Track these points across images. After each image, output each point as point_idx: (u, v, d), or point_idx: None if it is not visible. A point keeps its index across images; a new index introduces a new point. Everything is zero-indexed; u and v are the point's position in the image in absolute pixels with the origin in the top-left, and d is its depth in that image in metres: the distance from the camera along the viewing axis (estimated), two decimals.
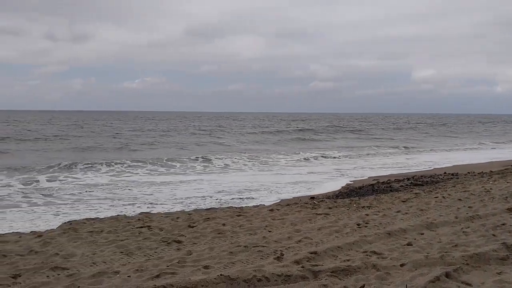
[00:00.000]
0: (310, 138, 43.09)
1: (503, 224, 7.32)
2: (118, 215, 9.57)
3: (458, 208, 9.08)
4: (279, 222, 8.31)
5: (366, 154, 28.82)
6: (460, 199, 10.12)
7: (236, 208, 10.43)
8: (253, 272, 5.21)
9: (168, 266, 5.69)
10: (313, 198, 11.90)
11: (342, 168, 20.68)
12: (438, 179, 14.95)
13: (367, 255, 5.96)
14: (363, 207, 9.78)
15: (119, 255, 6.38)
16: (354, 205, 10.07)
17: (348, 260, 5.70)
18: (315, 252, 6.02)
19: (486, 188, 11.50)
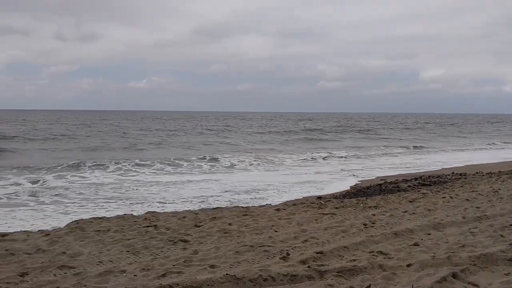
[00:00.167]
0: (317, 138, 43.00)
1: (511, 225, 7.27)
2: (125, 214, 9.59)
3: (466, 208, 9.03)
4: (285, 222, 8.30)
5: (374, 154, 28.72)
6: (467, 199, 10.06)
7: (242, 207, 10.43)
8: (259, 271, 5.21)
9: (174, 265, 5.70)
10: (320, 198, 11.88)
11: (350, 168, 20.62)
12: (446, 179, 14.87)
13: (374, 255, 5.94)
14: (370, 207, 9.74)
15: (125, 254, 6.40)
16: (361, 205, 10.03)
17: (354, 260, 5.69)
18: (321, 252, 6.01)
19: (494, 189, 11.42)
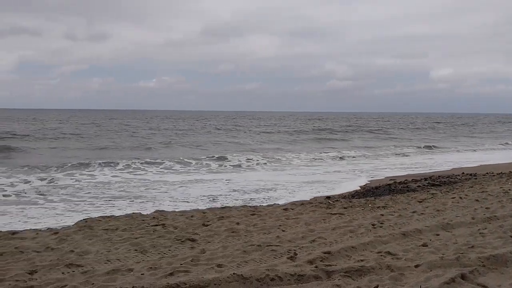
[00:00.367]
0: (326, 137, 42.89)
1: None
2: (133, 213, 9.62)
3: (475, 209, 8.96)
4: (293, 222, 8.28)
5: (383, 154, 28.59)
6: (477, 200, 9.97)
7: (250, 207, 10.42)
8: (266, 271, 5.20)
9: (181, 264, 5.70)
10: (328, 197, 11.84)
11: (359, 168, 20.54)
12: (456, 179, 14.75)
13: (382, 255, 5.90)
14: (379, 207, 9.69)
15: (133, 252, 6.42)
16: (370, 205, 9.98)
17: (362, 261, 5.66)
18: (328, 252, 5.98)
19: (504, 189, 11.31)
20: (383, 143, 38.41)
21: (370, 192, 12.90)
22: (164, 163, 21.17)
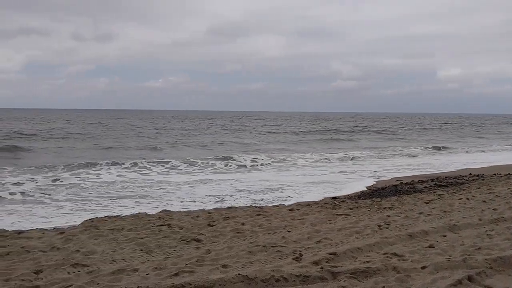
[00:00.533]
0: (332, 138, 42.81)
1: None
2: (139, 213, 9.64)
3: (483, 210, 8.89)
4: (298, 222, 8.26)
5: (390, 154, 28.48)
6: (484, 201, 9.90)
7: (256, 207, 10.41)
8: (271, 272, 5.19)
9: (186, 265, 5.70)
10: (334, 198, 11.81)
11: (365, 168, 20.46)
12: (463, 180, 14.65)
13: (388, 257, 5.87)
14: (385, 208, 9.64)
15: (138, 253, 6.43)
16: (376, 206, 9.93)
17: (368, 262, 5.63)
18: (334, 253, 5.96)
19: None
20: (389, 143, 38.28)
21: (376, 193, 12.84)
22: (170, 163, 21.19)
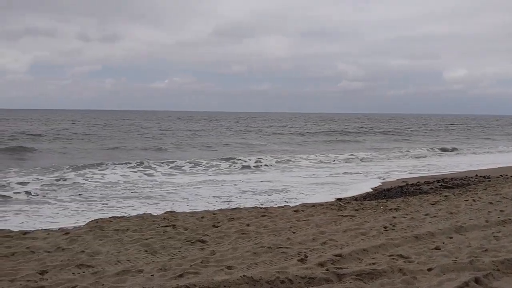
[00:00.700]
0: (337, 139, 42.71)
1: None
2: (144, 213, 9.64)
3: (489, 211, 8.83)
4: (303, 224, 8.22)
5: (395, 155, 28.38)
6: (491, 203, 9.84)
7: (260, 208, 10.37)
8: (276, 273, 5.16)
9: (191, 266, 5.68)
10: (339, 199, 11.76)
11: (371, 170, 20.39)
12: (469, 181, 14.58)
13: (394, 258, 5.83)
14: (391, 209, 9.59)
15: (143, 253, 6.41)
16: (381, 207, 9.88)
17: (374, 264, 5.59)
18: (339, 255, 5.92)
19: None
20: (395, 144, 38.16)
21: (382, 194, 12.79)
22: (175, 163, 21.19)
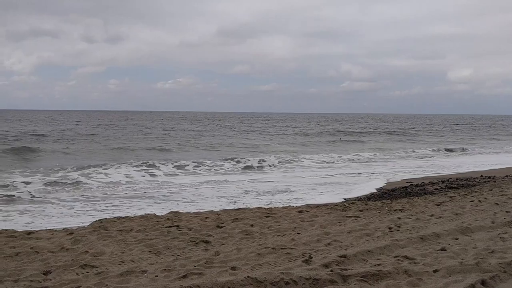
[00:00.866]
0: (341, 139, 42.63)
1: None
2: (148, 214, 9.61)
3: (495, 212, 8.78)
4: (308, 224, 8.19)
5: (400, 156, 28.31)
6: (497, 203, 9.78)
7: (265, 209, 10.33)
8: (280, 274, 5.13)
9: (195, 267, 5.66)
10: (344, 200, 11.72)
11: (375, 170, 20.33)
12: (475, 182, 14.52)
13: (399, 260, 5.79)
14: (395, 210, 9.54)
15: (147, 254, 6.39)
16: (386, 208, 9.83)
17: (379, 265, 5.55)
18: (344, 256, 5.89)
19: None
20: (399, 145, 38.05)
21: (387, 194, 12.75)
22: (178, 164, 21.21)
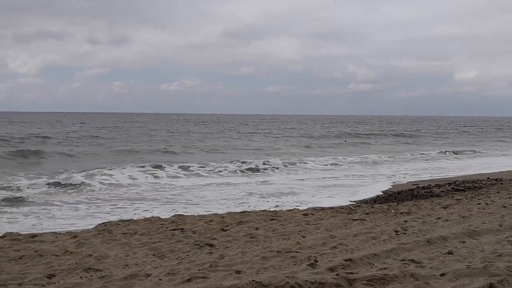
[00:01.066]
0: (346, 141, 42.51)
1: None
2: (152, 216, 9.60)
3: (503, 215, 8.69)
4: (313, 227, 8.13)
5: (406, 158, 28.19)
6: (504, 206, 9.69)
7: (269, 211, 10.29)
8: (285, 278, 5.07)
9: (199, 270, 5.61)
10: (350, 202, 11.65)
11: (381, 172, 20.25)
12: (481, 184, 14.41)
13: (405, 263, 5.72)
14: (402, 213, 9.47)
15: (151, 257, 6.36)
16: (392, 211, 9.77)
17: (385, 269, 5.49)
18: (350, 259, 5.83)
19: None
20: (405, 147, 37.93)
21: (393, 197, 12.67)
22: (183, 166, 21.19)
